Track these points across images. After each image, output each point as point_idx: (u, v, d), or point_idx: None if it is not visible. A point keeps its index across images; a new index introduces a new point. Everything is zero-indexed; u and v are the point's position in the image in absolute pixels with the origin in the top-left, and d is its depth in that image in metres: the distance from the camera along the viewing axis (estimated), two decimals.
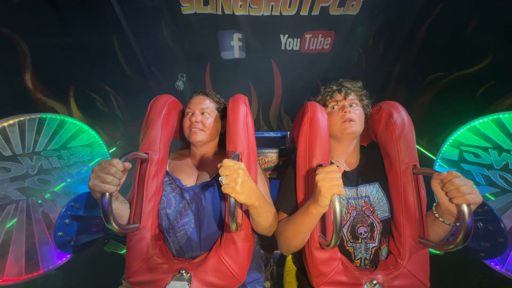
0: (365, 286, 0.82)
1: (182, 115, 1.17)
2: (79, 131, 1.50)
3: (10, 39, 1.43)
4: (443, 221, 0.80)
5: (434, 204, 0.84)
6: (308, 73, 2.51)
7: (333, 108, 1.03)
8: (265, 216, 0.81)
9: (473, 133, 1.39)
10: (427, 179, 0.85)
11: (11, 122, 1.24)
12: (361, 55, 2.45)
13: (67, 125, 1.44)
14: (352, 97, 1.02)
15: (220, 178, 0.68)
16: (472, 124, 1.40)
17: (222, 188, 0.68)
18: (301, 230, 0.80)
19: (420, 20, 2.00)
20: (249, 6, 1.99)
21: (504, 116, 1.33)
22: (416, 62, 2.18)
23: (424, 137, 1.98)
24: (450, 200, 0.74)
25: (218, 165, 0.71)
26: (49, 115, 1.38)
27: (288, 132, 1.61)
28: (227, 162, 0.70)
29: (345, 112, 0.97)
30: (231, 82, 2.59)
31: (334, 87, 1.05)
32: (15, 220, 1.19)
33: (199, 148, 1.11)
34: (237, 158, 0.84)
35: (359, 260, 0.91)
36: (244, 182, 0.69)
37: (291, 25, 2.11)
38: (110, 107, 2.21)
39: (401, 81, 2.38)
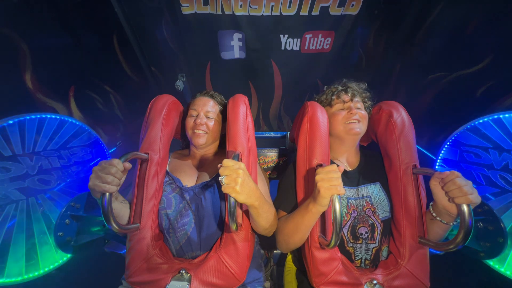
0: (365, 286, 0.82)
1: (183, 115, 1.17)
2: (79, 131, 1.50)
3: (10, 39, 1.43)
4: (441, 221, 0.80)
5: (431, 203, 0.84)
6: (308, 73, 2.51)
7: (340, 109, 1.03)
8: (265, 216, 0.81)
9: (473, 133, 1.39)
10: (427, 179, 0.85)
11: (11, 122, 1.24)
12: (361, 55, 2.45)
13: (67, 125, 1.45)
14: (357, 99, 1.02)
15: (220, 178, 0.68)
16: (472, 124, 1.40)
17: (222, 188, 0.68)
18: (300, 228, 0.81)
19: (420, 20, 2.00)
20: (249, 6, 1.99)
21: (504, 116, 1.33)
22: (416, 62, 2.18)
23: (424, 137, 1.98)
24: (451, 199, 0.74)
25: (218, 165, 0.71)
26: (49, 115, 1.38)
27: (288, 132, 1.61)
28: (227, 162, 0.70)
29: (351, 113, 0.97)
30: (231, 82, 2.59)
31: (340, 87, 1.05)
32: (15, 220, 1.19)
33: (199, 150, 1.11)
34: (237, 158, 0.84)
35: (359, 261, 0.91)
36: (244, 182, 0.69)
37: (291, 25, 2.11)
38: (110, 107, 2.21)
39: (401, 81, 2.37)
